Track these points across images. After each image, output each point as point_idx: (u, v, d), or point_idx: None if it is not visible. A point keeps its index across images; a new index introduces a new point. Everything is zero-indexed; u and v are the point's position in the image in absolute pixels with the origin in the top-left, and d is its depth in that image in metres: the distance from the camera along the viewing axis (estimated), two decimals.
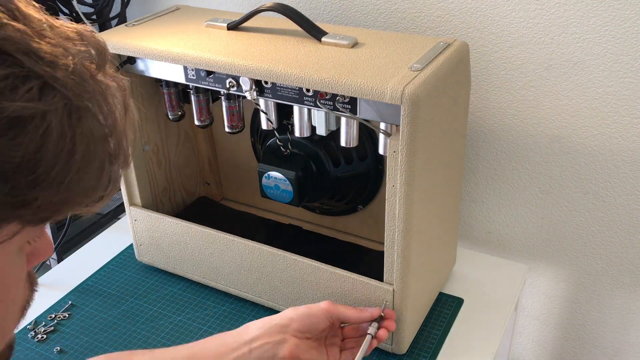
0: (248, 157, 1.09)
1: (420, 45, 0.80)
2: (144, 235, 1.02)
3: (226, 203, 1.18)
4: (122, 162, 0.42)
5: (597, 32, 0.90)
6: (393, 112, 0.72)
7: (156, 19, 0.95)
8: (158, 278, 1.03)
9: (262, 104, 0.84)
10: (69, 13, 1.31)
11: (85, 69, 0.39)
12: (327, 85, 0.72)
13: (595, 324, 1.13)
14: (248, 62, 0.78)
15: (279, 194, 0.90)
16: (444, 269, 0.98)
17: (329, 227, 1.07)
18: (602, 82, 0.93)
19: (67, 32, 0.39)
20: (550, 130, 1.00)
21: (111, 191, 0.42)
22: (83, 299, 1.00)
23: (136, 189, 0.99)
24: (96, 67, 0.40)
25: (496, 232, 1.14)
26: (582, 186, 1.02)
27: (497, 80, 1.00)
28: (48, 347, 0.91)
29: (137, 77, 0.94)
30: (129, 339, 0.91)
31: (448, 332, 0.91)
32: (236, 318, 0.95)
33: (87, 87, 0.38)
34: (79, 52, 0.39)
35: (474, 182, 1.11)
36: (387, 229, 0.77)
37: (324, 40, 0.82)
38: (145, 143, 0.99)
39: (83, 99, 0.37)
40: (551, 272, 1.12)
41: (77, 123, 0.37)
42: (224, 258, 0.95)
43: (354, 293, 0.84)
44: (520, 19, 0.94)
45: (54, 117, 0.36)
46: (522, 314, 1.19)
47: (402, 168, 0.72)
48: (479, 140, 1.06)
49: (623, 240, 1.03)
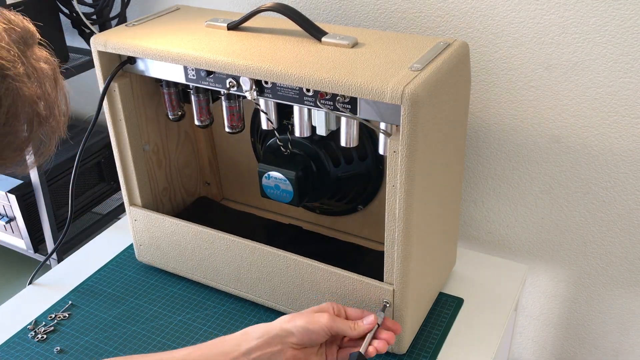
0: (248, 157, 1.09)
1: (420, 45, 0.80)
2: (144, 235, 1.02)
3: (226, 203, 1.18)
4: (55, 127, 0.49)
5: (597, 32, 0.90)
6: (393, 112, 0.72)
7: (156, 19, 0.95)
8: (158, 278, 1.03)
9: (262, 104, 0.84)
10: (69, 13, 1.31)
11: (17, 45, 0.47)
12: (327, 85, 0.72)
13: (595, 324, 1.13)
14: (248, 62, 0.78)
15: (279, 194, 0.90)
16: (444, 269, 0.98)
17: (329, 227, 1.07)
18: (602, 82, 0.93)
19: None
20: (550, 130, 1.00)
21: (42, 153, 0.49)
22: (83, 299, 1.00)
23: (136, 189, 0.99)
24: (24, 45, 0.48)
25: (496, 232, 1.14)
26: (582, 186, 1.02)
27: (497, 80, 1.00)
28: (48, 347, 0.91)
29: (137, 77, 0.94)
30: (129, 339, 0.92)
31: (448, 332, 0.91)
32: (236, 318, 0.95)
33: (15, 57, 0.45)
34: (5, 30, 0.47)
35: (473, 182, 1.11)
36: (387, 228, 0.77)
37: (324, 40, 0.82)
38: (145, 143, 0.99)
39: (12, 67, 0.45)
40: (551, 272, 1.12)
41: (2, 81, 0.44)
42: (224, 258, 0.95)
43: (354, 293, 0.84)
44: (520, 19, 0.94)
45: None
46: (522, 314, 1.19)
47: (402, 168, 0.72)
48: (478, 140, 1.06)
49: (623, 240, 1.03)
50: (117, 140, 0.96)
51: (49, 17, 1.26)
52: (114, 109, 0.93)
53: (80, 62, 1.31)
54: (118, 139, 0.96)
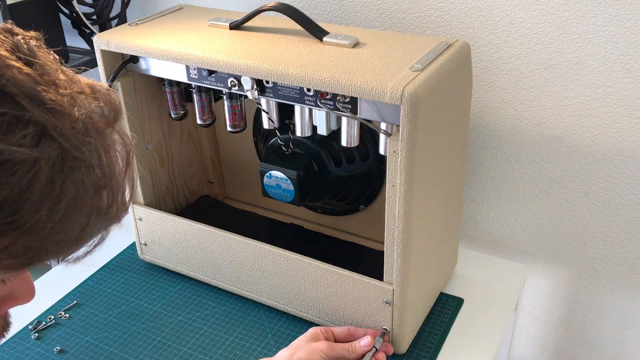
0: (250, 156, 1.09)
1: (421, 46, 0.80)
2: (146, 234, 1.02)
3: (228, 202, 1.18)
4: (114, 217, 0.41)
5: (597, 32, 0.90)
6: (393, 112, 0.72)
7: (159, 18, 0.95)
8: (158, 278, 1.04)
9: (263, 104, 0.85)
10: (69, 13, 1.31)
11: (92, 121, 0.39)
12: (328, 85, 0.73)
13: (595, 324, 1.13)
14: (249, 62, 0.78)
15: (280, 193, 0.91)
16: (445, 270, 0.98)
17: (331, 227, 1.07)
18: (602, 82, 0.93)
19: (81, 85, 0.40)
20: (550, 130, 1.00)
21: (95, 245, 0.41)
22: (83, 299, 1.00)
23: (139, 188, 0.99)
24: (105, 122, 0.40)
25: (496, 232, 1.14)
26: (582, 186, 1.02)
27: (497, 80, 1.00)
28: (48, 347, 0.91)
29: (140, 76, 0.94)
30: (129, 339, 0.92)
31: (448, 332, 0.91)
32: (236, 318, 0.95)
33: (88, 139, 0.38)
34: (89, 105, 0.39)
35: (473, 182, 1.11)
36: (387, 228, 0.77)
37: (326, 40, 0.82)
38: (148, 142, 1.00)
39: (81, 150, 0.37)
40: (551, 272, 1.12)
41: (69, 172, 0.37)
42: (226, 257, 0.95)
43: (355, 292, 0.85)
44: (521, 19, 0.94)
45: (46, 164, 0.35)
46: (522, 314, 1.19)
47: (402, 168, 0.72)
48: (479, 141, 1.06)
49: (623, 240, 1.03)
50: None
51: (49, 17, 1.26)
52: None
53: (81, 62, 1.31)
54: None
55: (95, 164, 0.38)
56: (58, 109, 0.36)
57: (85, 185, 0.38)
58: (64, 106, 0.37)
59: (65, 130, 0.36)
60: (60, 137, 0.36)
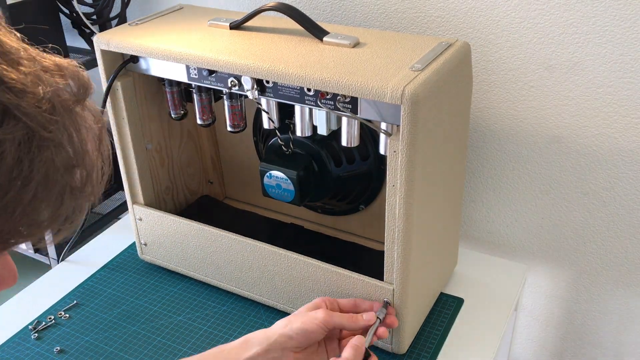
0: (251, 156, 1.09)
1: (421, 45, 0.80)
2: (146, 234, 1.02)
3: (229, 202, 1.18)
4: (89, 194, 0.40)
5: (597, 32, 0.90)
6: (393, 112, 0.72)
7: (159, 18, 0.95)
8: (158, 278, 1.04)
9: (263, 103, 0.85)
10: (69, 13, 1.31)
11: (59, 99, 0.37)
12: (328, 84, 0.73)
13: (595, 324, 1.13)
14: (250, 62, 0.78)
15: (280, 193, 0.91)
16: (445, 270, 0.98)
17: (331, 227, 1.07)
18: (602, 82, 0.93)
19: (46, 64, 0.38)
20: (550, 131, 1.00)
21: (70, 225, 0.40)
22: (83, 299, 1.00)
23: (139, 188, 0.99)
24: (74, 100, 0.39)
25: (496, 232, 1.14)
26: (582, 186, 1.02)
27: (497, 80, 1.00)
28: (48, 347, 0.91)
29: (140, 76, 0.94)
30: (129, 339, 0.92)
31: (448, 332, 0.91)
32: (236, 318, 0.95)
33: (55, 117, 0.37)
34: (55, 82, 0.38)
35: (474, 182, 1.11)
36: (388, 228, 0.77)
37: (326, 40, 0.82)
38: (148, 142, 1.00)
39: (48, 129, 0.36)
40: (551, 272, 1.12)
41: (37, 151, 0.36)
42: (226, 256, 0.95)
43: (355, 292, 0.85)
44: (521, 19, 0.94)
45: (11, 145, 0.34)
46: (522, 314, 1.19)
47: (402, 168, 0.72)
48: (478, 140, 1.07)
49: (623, 240, 1.03)
50: (120, 139, 0.96)
51: (49, 17, 1.26)
52: (116, 108, 0.94)
53: (80, 62, 1.31)
54: (121, 138, 0.96)
55: (66, 142, 0.37)
56: (20, 87, 0.35)
57: (56, 165, 0.37)
58: (26, 85, 0.36)
59: (30, 109, 0.35)
60: (25, 117, 0.35)
